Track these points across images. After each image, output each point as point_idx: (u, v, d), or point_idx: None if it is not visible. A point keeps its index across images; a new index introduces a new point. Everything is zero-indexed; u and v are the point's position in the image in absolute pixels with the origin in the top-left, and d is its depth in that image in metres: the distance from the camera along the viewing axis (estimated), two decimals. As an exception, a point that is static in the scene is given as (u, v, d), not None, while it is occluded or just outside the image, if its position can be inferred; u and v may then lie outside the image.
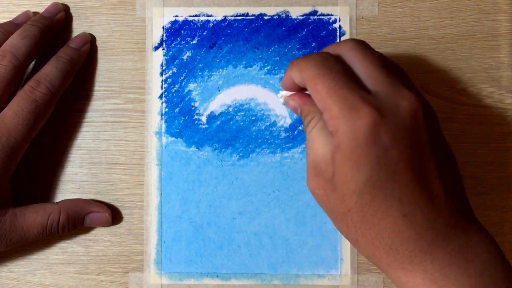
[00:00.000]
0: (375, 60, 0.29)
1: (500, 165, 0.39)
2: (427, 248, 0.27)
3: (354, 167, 0.27)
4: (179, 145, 0.39)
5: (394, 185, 0.27)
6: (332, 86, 0.28)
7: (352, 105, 0.27)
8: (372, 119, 0.26)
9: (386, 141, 0.27)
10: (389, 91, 0.28)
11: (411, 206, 0.27)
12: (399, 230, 0.27)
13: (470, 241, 0.28)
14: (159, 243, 0.39)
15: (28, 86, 0.36)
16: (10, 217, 0.36)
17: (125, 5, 0.40)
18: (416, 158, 0.27)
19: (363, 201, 0.27)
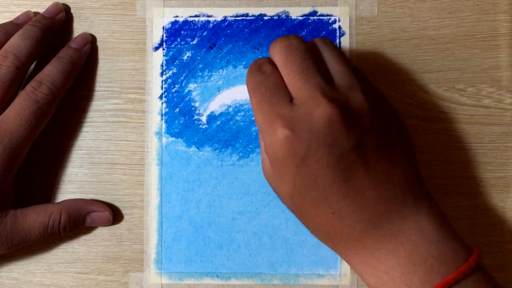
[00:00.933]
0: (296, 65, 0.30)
1: (500, 165, 0.39)
2: (358, 237, 0.30)
3: (279, 176, 0.30)
4: (179, 145, 0.40)
5: (319, 188, 0.29)
6: (259, 101, 0.31)
7: (270, 121, 0.30)
8: (284, 135, 0.29)
9: (302, 152, 0.29)
10: (306, 99, 0.29)
11: (338, 204, 0.30)
12: (331, 225, 0.30)
13: (402, 224, 0.30)
14: (159, 243, 0.39)
15: (30, 87, 0.36)
16: (11, 218, 0.36)
17: (125, 5, 0.40)
18: (337, 161, 0.29)
19: (295, 202, 0.31)
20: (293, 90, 0.30)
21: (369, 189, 0.29)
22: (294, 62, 0.30)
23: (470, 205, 0.39)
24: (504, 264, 0.39)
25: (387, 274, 0.30)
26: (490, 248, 0.39)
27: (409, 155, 0.32)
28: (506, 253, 0.39)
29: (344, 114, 0.29)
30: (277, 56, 0.31)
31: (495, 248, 0.39)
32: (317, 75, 0.30)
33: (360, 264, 0.31)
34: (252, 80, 0.32)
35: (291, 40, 0.31)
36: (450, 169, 0.39)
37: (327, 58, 0.32)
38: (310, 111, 0.29)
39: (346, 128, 0.29)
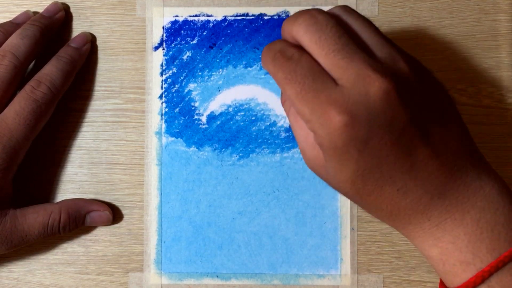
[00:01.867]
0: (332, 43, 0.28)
1: (500, 165, 0.39)
2: (423, 210, 0.29)
3: (339, 163, 0.28)
4: (179, 145, 0.40)
5: (382, 168, 0.28)
6: (299, 91, 0.28)
7: (320, 109, 0.27)
8: (343, 121, 0.27)
9: (363, 136, 0.27)
10: (355, 78, 0.27)
11: (402, 181, 0.28)
12: (395, 202, 0.29)
13: (467, 191, 0.29)
14: (159, 243, 0.39)
15: (29, 86, 0.36)
16: (11, 218, 0.36)
17: (125, 5, 0.40)
18: (399, 137, 0.27)
19: (357, 187, 0.29)
20: (336, 72, 0.27)
21: (431, 160, 0.28)
22: (330, 41, 0.28)
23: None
24: (504, 264, 0.39)
25: (453, 244, 0.29)
26: (490, 248, 0.39)
27: (460, 121, 0.31)
28: (506, 253, 0.39)
29: (398, 86, 0.27)
30: (304, 37, 0.28)
31: (495, 248, 0.39)
32: (359, 50, 0.28)
33: (423, 236, 0.30)
34: (281, 69, 0.28)
35: (317, 17, 0.28)
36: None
37: (358, 30, 0.29)
38: (364, 90, 0.27)
39: (403, 101, 0.27)
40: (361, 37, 0.29)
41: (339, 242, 0.39)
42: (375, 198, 0.29)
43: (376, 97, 0.27)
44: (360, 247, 0.39)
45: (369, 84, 0.27)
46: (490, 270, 0.28)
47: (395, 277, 0.39)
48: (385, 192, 0.29)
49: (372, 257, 0.39)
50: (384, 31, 0.39)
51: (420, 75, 0.29)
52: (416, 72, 0.29)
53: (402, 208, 0.29)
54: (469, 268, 0.28)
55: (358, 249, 0.39)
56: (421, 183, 0.28)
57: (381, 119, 0.27)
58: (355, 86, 0.27)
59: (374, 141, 0.27)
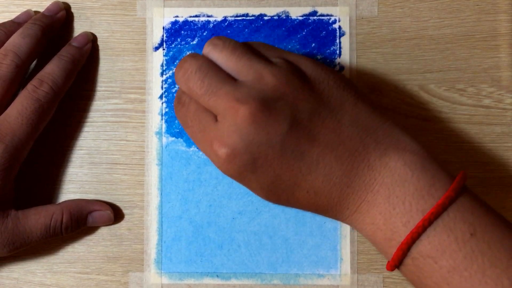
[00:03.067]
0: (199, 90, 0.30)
1: (500, 165, 0.39)
2: (339, 202, 0.30)
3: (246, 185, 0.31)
4: (179, 145, 0.40)
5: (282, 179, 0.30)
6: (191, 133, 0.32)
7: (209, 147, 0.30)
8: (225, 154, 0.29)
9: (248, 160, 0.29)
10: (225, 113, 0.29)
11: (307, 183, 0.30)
12: (312, 202, 0.31)
13: (372, 172, 0.30)
14: (159, 242, 0.39)
15: (31, 86, 0.36)
16: (13, 219, 0.36)
17: (125, 5, 0.40)
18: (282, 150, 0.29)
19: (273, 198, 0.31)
20: (212, 110, 0.30)
21: (326, 155, 0.30)
22: (196, 87, 0.30)
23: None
24: (504, 264, 0.39)
25: (373, 225, 0.30)
26: (490, 248, 0.39)
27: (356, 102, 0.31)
28: (506, 253, 0.39)
29: (263, 105, 0.29)
30: (182, 87, 0.31)
31: (495, 248, 0.39)
32: (222, 84, 0.30)
33: (352, 223, 0.31)
34: (178, 116, 0.32)
35: (183, 65, 0.31)
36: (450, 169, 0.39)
37: (222, 64, 0.31)
38: (233, 121, 0.29)
39: (272, 115, 0.29)
40: (227, 70, 0.31)
41: (339, 242, 0.39)
42: (294, 202, 0.31)
43: (244, 123, 0.29)
44: (360, 247, 0.39)
45: (235, 114, 0.29)
46: (407, 243, 0.28)
47: (395, 277, 0.39)
48: (298, 196, 0.31)
49: (372, 257, 0.39)
50: (384, 31, 0.39)
51: (297, 77, 0.30)
52: (281, 79, 0.30)
53: (320, 205, 0.31)
54: (392, 244, 0.29)
55: (358, 249, 0.39)
56: (325, 179, 0.30)
57: (257, 141, 0.29)
58: (226, 119, 0.29)
59: (261, 160, 0.29)
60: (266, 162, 0.29)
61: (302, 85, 0.30)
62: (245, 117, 0.29)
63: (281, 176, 0.30)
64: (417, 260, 0.28)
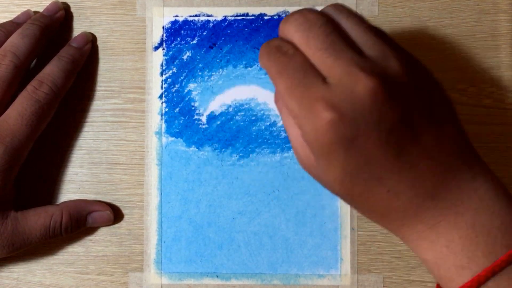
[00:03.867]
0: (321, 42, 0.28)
1: (500, 165, 0.39)
2: (416, 212, 0.28)
3: (326, 162, 0.28)
4: (179, 145, 0.40)
5: (370, 168, 0.27)
6: (289, 85, 0.28)
7: (308, 104, 0.27)
8: (329, 119, 0.26)
9: (349, 134, 0.27)
10: (342, 76, 0.27)
11: (392, 181, 0.28)
12: (386, 204, 0.28)
13: (461, 194, 0.28)
14: (159, 243, 0.39)
15: (31, 86, 0.36)
16: (12, 220, 0.36)
17: (125, 5, 0.40)
18: (386, 136, 0.27)
19: (346, 187, 0.29)
20: (324, 70, 0.27)
21: (422, 160, 0.28)
22: (318, 39, 0.28)
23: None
24: (504, 264, 0.39)
25: (447, 248, 0.28)
26: (490, 248, 0.39)
27: (456, 120, 0.30)
28: (506, 253, 0.39)
29: (386, 85, 0.27)
30: (295, 36, 0.28)
31: (495, 248, 0.39)
32: (347, 48, 0.28)
33: (417, 239, 0.29)
34: (274, 62, 0.28)
35: (307, 16, 0.28)
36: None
37: (348, 28, 0.29)
38: (350, 88, 0.26)
39: (391, 100, 0.27)
40: (351, 35, 0.29)
41: (339, 242, 0.39)
42: (365, 199, 0.29)
43: (362, 95, 0.26)
44: (360, 247, 0.39)
45: (356, 82, 0.27)
46: (486, 275, 0.27)
47: (395, 277, 0.39)
48: (375, 193, 0.28)
49: (372, 257, 0.39)
50: (384, 31, 0.39)
51: (415, 73, 0.29)
52: (409, 70, 0.28)
53: (394, 210, 0.29)
54: (464, 272, 0.28)
55: (358, 249, 0.39)
56: (412, 184, 0.28)
57: (368, 118, 0.27)
58: (341, 83, 0.27)
59: (361, 139, 0.27)
60: (365, 144, 0.27)
61: (421, 84, 0.29)
62: (366, 88, 0.26)
63: (371, 164, 0.27)
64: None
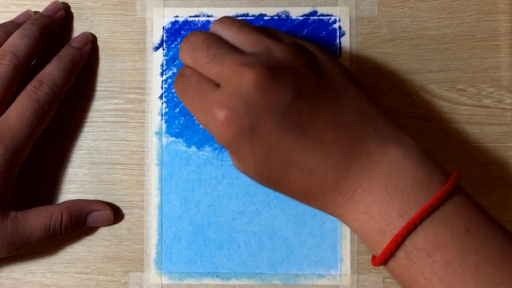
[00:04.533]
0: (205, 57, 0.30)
1: (500, 165, 0.39)
2: (332, 185, 0.30)
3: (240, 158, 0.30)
4: (179, 145, 0.40)
5: (278, 153, 0.29)
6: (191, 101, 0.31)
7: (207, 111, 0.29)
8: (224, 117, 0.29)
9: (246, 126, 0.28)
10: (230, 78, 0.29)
11: (302, 160, 0.29)
12: (304, 183, 0.30)
13: (371, 159, 0.29)
14: (159, 243, 0.39)
15: (31, 86, 0.36)
16: (12, 220, 0.36)
17: (125, 5, 0.40)
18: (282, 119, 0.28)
19: (264, 176, 0.31)
20: (216, 78, 0.30)
21: (326, 133, 0.29)
22: (202, 54, 0.30)
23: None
24: (504, 264, 0.39)
25: (367, 214, 0.29)
26: (490, 248, 0.39)
27: (356, 89, 0.31)
28: (506, 253, 0.39)
29: (270, 72, 0.28)
30: (187, 59, 0.31)
31: (495, 248, 0.39)
32: (229, 52, 0.30)
33: (342, 213, 0.30)
34: (178, 86, 0.32)
35: (189, 38, 0.31)
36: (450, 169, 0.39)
37: (231, 37, 0.31)
38: (237, 84, 0.28)
39: (277, 84, 0.28)
40: (233, 42, 0.31)
41: (339, 242, 0.39)
42: (286, 184, 0.30)
43: (248, 87, 0.28)
44: (360, 247, 0.39)
45: (241, 77, 0.28)
46: (402, 234, 0.28)
47: (395, 277, 0.39)
48: (291, 175, 0.30)
49: (372, 257, 0.39)
50: (384, 31, 0.39)
51: (302, 56, 0.30)
52: (296, 55, 0.30)
53: (313, 187, 0.30)
54: (385, 235, 0.28)
55: (358, 249, 0.39)
56: (321, 159, 0.29)
57: (259, 107, 0.28)
58: (230, 83, 0.29)
59: (260, 128, 0.28)
60: (264, 131, 0.29)
61: (309, 64, 0.30)
62: (249, 80, 0.28)
63: (277, 149, 0.29)
64: (410, 253, 0.28)
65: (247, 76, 0.28)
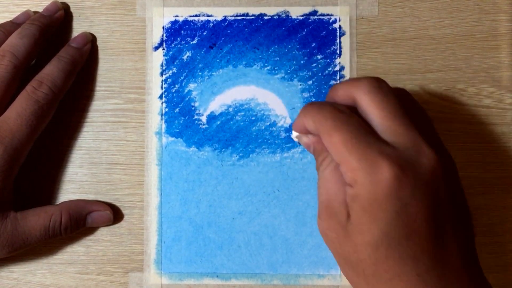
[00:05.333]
0: (393, 109, 0.28)
1: (500, 165, 0.39)
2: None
3: (371, 219, 0.27)
4: (179, 145, 0.39)
5: (411, 242, 0.26)
6: (349, 139, 0.27)
7: (371, 158, 0.26)
8: (393, 174, 0.26)
9: (406, 197, 0.26)
10: (409, 145, 0.27)
11: (426, 266, 0.27)
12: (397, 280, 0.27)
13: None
14: (159, 243, 0.39)
15: (30, 87, 0.36)
16: (12, 220, 0.36)
17: (125, 5, 0.40)
18: (434, 216, 0.27)
19: (378, 256, 0.27)
20: (391, 135, 0.28)
21: (454, 256, 0.27)
22: (393, 106, 0.28)
23: (470, 205, 0.39)
24: (504, 264, 0.39)
25: None
26: (490, 248, 0.39)
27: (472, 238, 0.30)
28: (506, 253, 0.39)
29: (444, 168, 0.27)
30: (367, 95, 0.28)
31: (495, 248, 0.39)
32: (415, 123, 0.28)
33: None
34: (331, 116, 0.28)
35: (382, 83, 0.29)
36: (450, 169, 0.39)
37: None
38: (415, 157, 0.27)
39: (445, 184, 0.27)
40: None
41: (339, 242, 0.39)
42: (390, 278, 0.27)
43: (425, 168, 0.27)
44: (360, 247, 0.39)
45: (422, 154, 0.27)
46: None
47: (395, 277, 0.39)
48: (405, 273, 0.27)
49: (372, 257, 0.39)
50: (384, 31, 0.39)
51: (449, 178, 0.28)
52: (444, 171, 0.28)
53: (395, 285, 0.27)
54: None
55: (358, 249, 0.39)
56: (442, 276, 0.27)
57: (425, 190, 0.26)
58: (407, 149, 0.27)
59: (413, 209, 0.26)
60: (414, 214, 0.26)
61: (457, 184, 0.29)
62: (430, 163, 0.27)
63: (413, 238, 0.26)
64: None
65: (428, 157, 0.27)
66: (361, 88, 0.29)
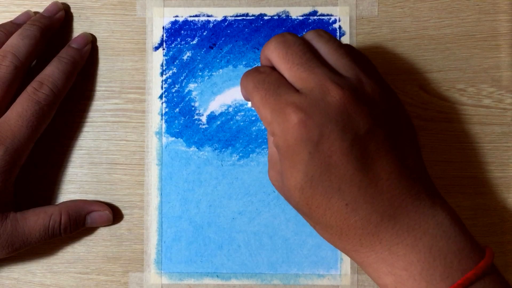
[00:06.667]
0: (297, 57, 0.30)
1: (500, 165, 0.39)
2: (374, 231, 0.29)
3: (291, 165, 0.29)
4: (179, 145, 0.40)
5: (331, 176, 0.28)
6: (264, 96, 0.30)
7: (279, 109, 0.29)
8: (298, 118, 0.28)
9: (315, 136, 0.28)
10: (314, 87, 0.29)
11: (352, 194, 0.28)
12: (345, 218, 0.29)
13: (419, 218, 0.29)
14: (159, 243, 0.39)
15: (31, 88, 0.36)
16: (12, 221, 0.36)
17: (125, 5, 0.40)
18: (350, 147, 0.28)
19: (306, 195, 0.29)
20: (298, 83, 0.30)
21: (383, 178, 0.29)
22: (295, 55, 0.30)
23: (470, 205, 0.39)
24: (504, 264, 0.39)
25: (406, 271, 0.28)
26: (490, 248, 0.39)
27: (419, 151, 0.31)
28: (506, 253, 0.39)
29: (356, 100, 0.29)
30: (274, 53, 0.31)
31: (495, 248, 0.39)
32: (321, 65, 0.30)
33: (376, 262, 0.29)
34: (252, 79, 0.31)
35: (286, 36, 0.31)
36: (450, 169, 0.39)
37: (326, 53, 0.31)
38: (320, 96, 0.28)
39: (358, 113, 0.28)
40: (327, 59, 0.31)
41: (339, 242, 0.39)
42: (323, 212, 0.29)
43: (331, 103, 0.28)
44: (360, 247, 0.39)
45: (326, 92, 0.29)
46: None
47: (395, 277, 0.39)
48: (334, 205, 0.29)
49: (372, 257, 0.39)
50: (384, 31, 0.39)
51: (387, 98, 0.30)
52: (382, 95, 0.30)
53: (352, 226, 0.29)
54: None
55: (358, 249, 0.39)
56: (371, 200, 0.28)
57: (333, 124, 0.28)
58: (313, 93, 0.29)
59: (325, 144, 0.28)
60: (328, 151, 0.28)
61: (389, 109, 0.30)
62: (335, 98, 0.28)
63: (332, 173, 0.28)
64: None
65: (334, 93, 0.28)
66: (269, 47, 0.31)
